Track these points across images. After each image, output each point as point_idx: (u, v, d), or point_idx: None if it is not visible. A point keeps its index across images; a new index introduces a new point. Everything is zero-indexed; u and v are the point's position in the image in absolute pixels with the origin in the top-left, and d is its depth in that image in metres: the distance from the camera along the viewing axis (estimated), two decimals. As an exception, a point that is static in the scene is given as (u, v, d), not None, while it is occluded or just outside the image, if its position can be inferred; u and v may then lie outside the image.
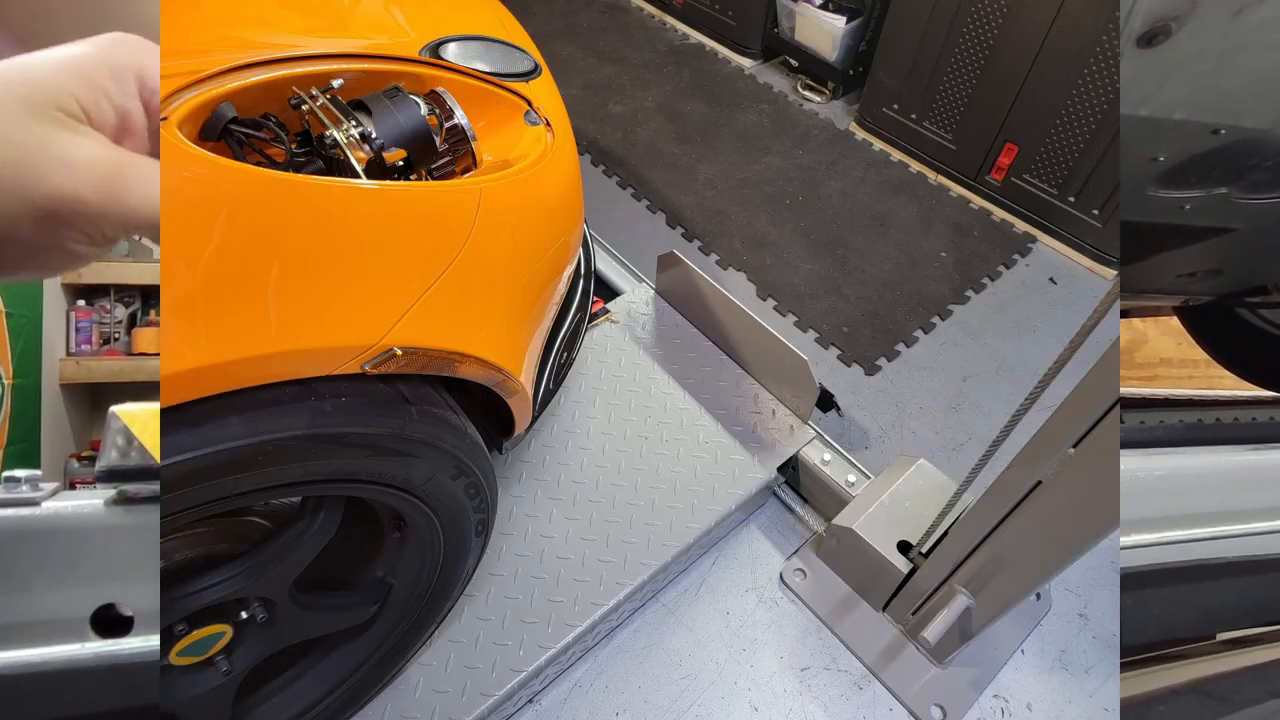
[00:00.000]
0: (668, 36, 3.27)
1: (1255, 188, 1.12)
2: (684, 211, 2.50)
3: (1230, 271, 1.44)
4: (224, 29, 0.95)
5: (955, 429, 1.96)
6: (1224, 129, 0.99)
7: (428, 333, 0.88)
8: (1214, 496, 1.23)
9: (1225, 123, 0.98)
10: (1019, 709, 1.48)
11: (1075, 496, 1.04)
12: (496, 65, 1.19)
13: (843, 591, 1.60)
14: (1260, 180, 1.11)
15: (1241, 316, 1.79)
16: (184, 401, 0.70)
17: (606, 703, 1.45)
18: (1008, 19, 2.24)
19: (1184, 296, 1.58)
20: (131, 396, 0.87)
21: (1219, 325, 1.87)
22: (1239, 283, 1.54)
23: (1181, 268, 1.39)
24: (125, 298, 2.67)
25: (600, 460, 1.64)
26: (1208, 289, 1.53)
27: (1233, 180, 1.11)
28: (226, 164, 0.71)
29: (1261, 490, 1.27)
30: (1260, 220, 1.19)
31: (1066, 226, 2.42)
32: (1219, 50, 0.86)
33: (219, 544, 0.97)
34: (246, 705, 1.13)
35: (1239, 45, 0.85)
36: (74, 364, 2.46)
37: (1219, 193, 1.12)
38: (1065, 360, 0.98)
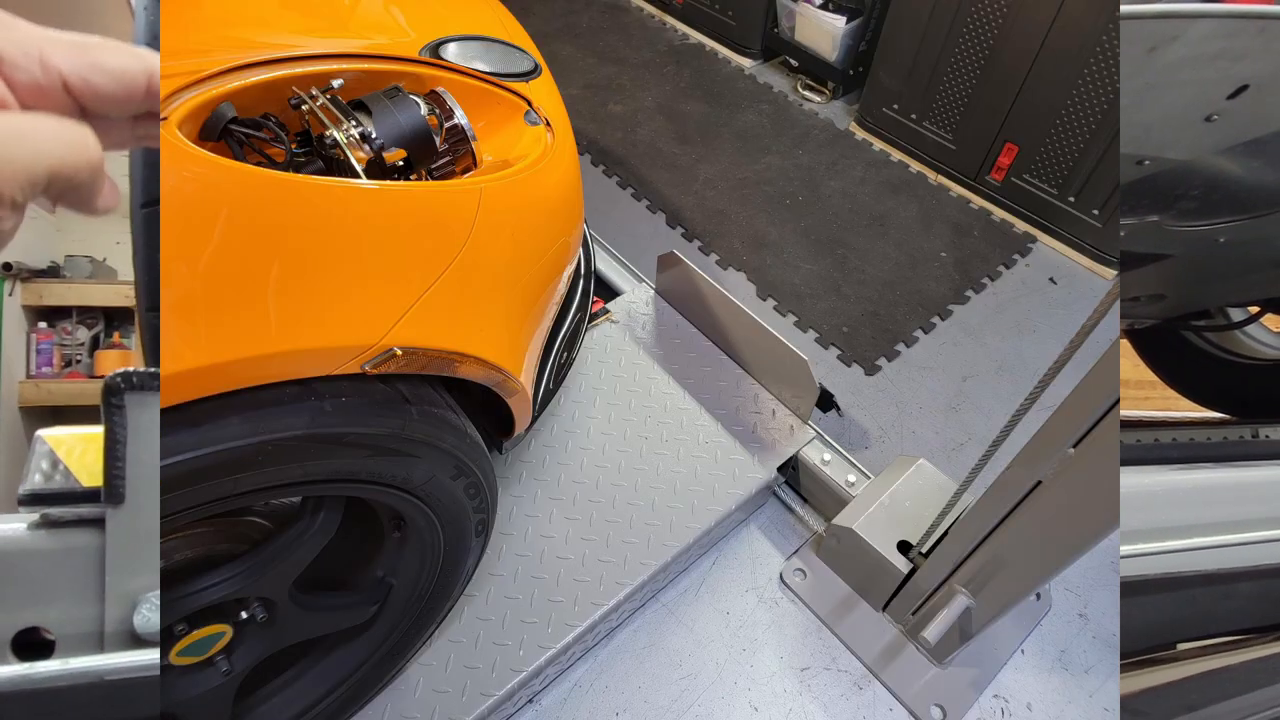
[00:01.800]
0: (668, 36, 3.27)
1: (1185, 215, 1.14)
2: (684, 211, 2.50)
3: (1172, 296, 1.46)
4: (224, 29, 0.95)
5: (955, 429, 1.96)
6: (1148, 160, 1.01)
7: (428, 333, 0.88)
8: (1161, 513, 1.25)
9: (1149, 154, 1.00)
10: (1019, 709, 1.48)
11: (1075, 496, 1.04)
12: (496, 65, 1.19)
13: (843, 591, 1.60)
14: (1189, 209, 1.12)
15: (1187, 339, 1.81)
16: (184, 401, 0.70)
17: (606, 703, 1.45)
18: (1008, 19, 2.24)
19: (1130, 320, 1.60)
20: (95, 420, 0.86)
21: (1166, 348, 1.89)
22: (1181, 306, 1.56)
23: (1125, 292, 1.41)
24: (88, 319, 2.64)
25: (600, 460, 1.64)
26: (1152, 313, 1.56)
27: (1163, 209, 1.12)
28: (226, 164, 0.71)
29: (1205, 508, 1.28)
30: (1194, 246, 1.21)
31: (1066, 226, 2.42)
32: (1136, 85, 0.87)
33: (219, 544, 0.97)
34: (246, 705, 1.13)
35: (1153, 82, 0.87)
36: (34, 386, 2.42)
37: (1151, 220, 1.14)
38: (1065, 360, 0.98)
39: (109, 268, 2.79)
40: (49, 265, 2.60)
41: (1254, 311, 1.69)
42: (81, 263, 2.67)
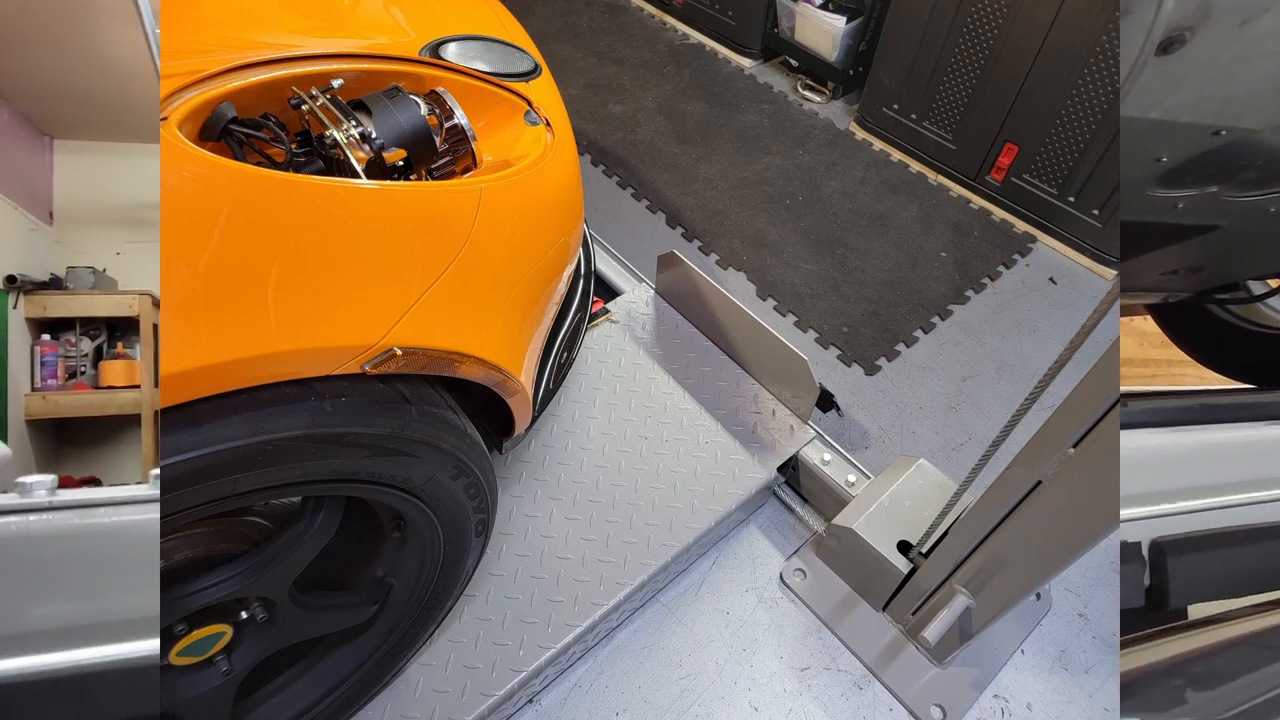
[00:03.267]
0: (668, 36, 3.27)
1: (1244, 186, 1.17)
2: (684, 211, 2.50)
3: (1209, 268, 1.50)
4: (224, 29, 0.95)
5: (955, 429, 1.96)
6: (1225, 130, 1.03)
7: (428, 333, 0.88)
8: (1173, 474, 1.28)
9: (1226, 124, 1.02)
10: (1019, 709, 1.48)
11: (1075, 496, 1.04)
12: (496, 65, 1.19)
13: (843, 591, 1.60)
14: (1250, 179, 1.16)
15: (1212, 312, 1.89)
16: (184, 401, 0.70)
17: (606, 703, 1.45)
18: (1008, 19, 2.24)
19: (1164, 294, 1.66)
20: (101, 431, 0.86)
21: (1191, 321, 1.97)
22: (1215, 278, 1.61)
23: (1165, 266, 1.45)
24: (91, 331, 2.63)
25: (600, 460, 1.64)
26: (1186, 285, 1.60)
27: (1225, 179, 1.15)
28: (226, 164, 0.71)
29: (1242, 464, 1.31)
30: (1244, 217, 1.25)
31: (1066, 226, 2.42)
32: (1225, 58, 0.90)
33: (219, 544, 0.97)
34: (246, 705, 1.13)
35: (1242, 53, 0.89)
36: (40, 399, 2.40)
37: (1211, 191, 1.17)
38: (1065, 360, 0.98)
39: (110, 278, 2.78)
40: (50, 277, 2.60)
41: (1274, 285, 1.75)
42: (84, 274, 2.67)
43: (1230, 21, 0.86)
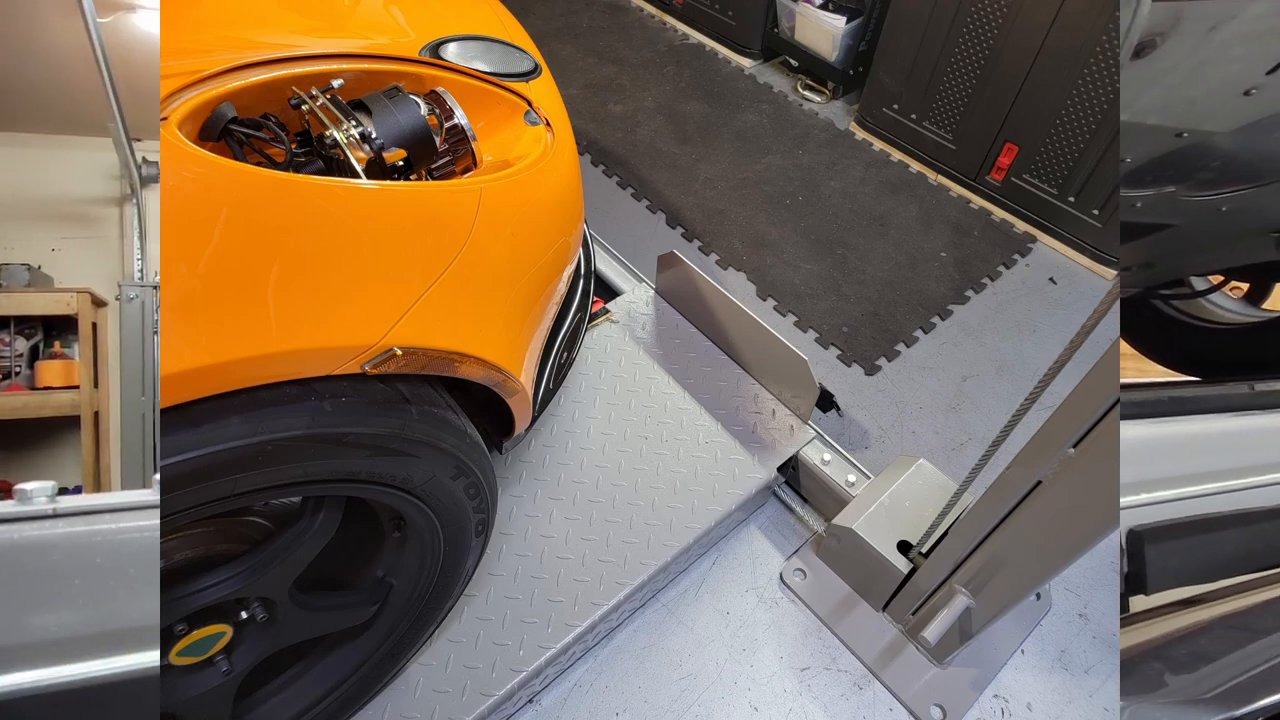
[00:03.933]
0: (668, 36, 3.27)
1: (1200, 186, 1.21)
2: (684, 211, 2.50)
3: (1160, 265, 1.55)
4: (224, 29, 0.95)
5: (955, 429, 1.96)
6: (1187, 132, 1.07)
7: (428, 333, 0.88)
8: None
9: (1189, 127, 1.06)
10: (1019, 709, 1.48)
11: (1075, 496, 1.04)
12: (496, 65, 1.19)
13: (843, 591, 1.60)
14: (1205, 179, 1.19)
15: (1157, 307, 1.96)
16: (184, 401, 0.70)
17: (606, 703, 1.45)
18: (1008, 19, 2.24)
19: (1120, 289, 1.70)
20: (37, 432, 0.84)
21: (1137, 316, 2.02)
22: (1165, 275, 1.67)
23: (1120, 263, 1.46)
24: (26, 329, 2.53)
25: (600, 460, 1.64)
26: (1139, 281, 1.65)
27: (1183, 179, 1.19)
28: (226, 164, 0.71)
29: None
30: (1197, 216, 1.29)
31: (1066, 226, 2.42)
32: (1192, 63, 0.93)
33: (219, 544, 0.97)
34: (246, 705, 1.13)
35: (1209, 58, 0.93)
36: None
37: (1168, 191, 1.20)
38: (1065, 360, 0.98)
39: (45, 275, 2.69)
40: (-17, 274, 2.48)
41: (1215, 281, 1.81)
42: (18, 270, 2.56)
43: (1199, 28, 0.88)
